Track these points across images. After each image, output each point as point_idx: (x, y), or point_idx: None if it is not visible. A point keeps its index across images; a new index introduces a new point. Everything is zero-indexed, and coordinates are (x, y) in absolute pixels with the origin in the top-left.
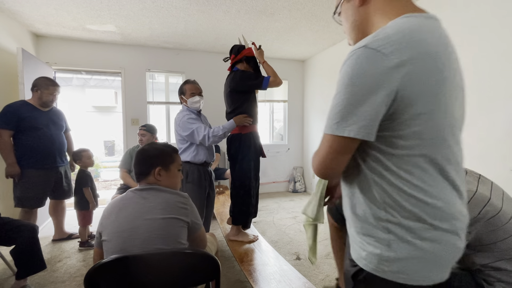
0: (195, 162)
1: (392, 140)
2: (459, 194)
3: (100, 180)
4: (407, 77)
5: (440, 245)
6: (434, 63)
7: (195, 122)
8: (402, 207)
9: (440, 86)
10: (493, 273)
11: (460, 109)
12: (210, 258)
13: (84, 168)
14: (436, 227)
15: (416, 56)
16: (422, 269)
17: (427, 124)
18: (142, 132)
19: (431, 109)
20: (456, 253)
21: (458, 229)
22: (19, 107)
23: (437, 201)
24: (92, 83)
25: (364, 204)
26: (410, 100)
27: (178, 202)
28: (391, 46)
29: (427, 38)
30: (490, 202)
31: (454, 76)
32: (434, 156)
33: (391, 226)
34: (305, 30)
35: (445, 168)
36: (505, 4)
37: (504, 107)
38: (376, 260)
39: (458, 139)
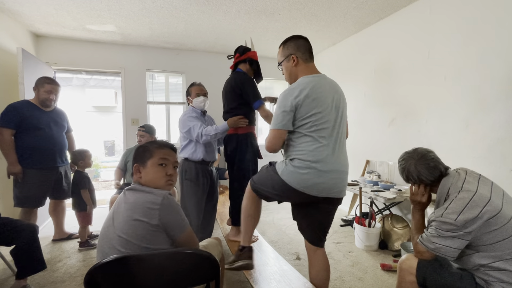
0: (193, 160)
1: (300, 128)
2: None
3: (100, 180)
4: (301, 99)
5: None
6: (313, 94)
7: (194, 120)
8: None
9: (317, 104)
10: (493, 273)
11: (340, 120)
12: (210, 259)
13: (82, 169)
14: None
15: (308, 88)
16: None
17: (319, 119)
18: (141, 133)
19: (314, 113)
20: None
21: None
22: (22, 106)
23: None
24: (92, 83)
25: (288, 150)
26: (303, 108)
27: (147, 202)
28: (294, 89)
29: (312, 84)
30: (490, 202)
31: (327, 99)
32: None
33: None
34: (305, 30)
35: (320, 140)
36: (505, 4)
37: (504, 107)
38: (283, 170)
39: (336, 129)
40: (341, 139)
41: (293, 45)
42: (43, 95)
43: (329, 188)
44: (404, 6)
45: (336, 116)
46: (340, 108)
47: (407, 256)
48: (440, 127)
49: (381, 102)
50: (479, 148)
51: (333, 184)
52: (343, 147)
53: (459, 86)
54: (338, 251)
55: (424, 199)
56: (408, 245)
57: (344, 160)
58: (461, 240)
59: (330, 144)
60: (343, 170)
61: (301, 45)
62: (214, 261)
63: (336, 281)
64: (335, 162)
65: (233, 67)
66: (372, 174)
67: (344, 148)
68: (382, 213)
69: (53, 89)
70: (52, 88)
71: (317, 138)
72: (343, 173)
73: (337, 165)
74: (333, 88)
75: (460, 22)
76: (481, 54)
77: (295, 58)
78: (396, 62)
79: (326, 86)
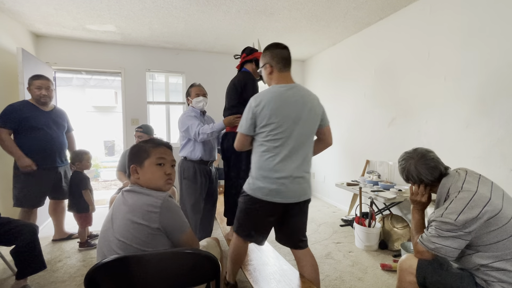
0: (191, 159)
1: (258, 135)
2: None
3: (100, 180)
4: (260, 110)
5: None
6: (272, 104)
7: (192, 119)
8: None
9: (278, 114)
10: (493, 273)
11: (301, 129)
12: (210, 258)
13: (81, 170)
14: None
15: (266, 101)
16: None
17: (273, 130)
18: (139, 134)
19: (269, 124)
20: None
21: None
22: (21, 106)
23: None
24: (92, 83)
25: (253, 160)
26: (261, 119)
27: (147, 205)
28: (258, 98)
29: (274, 94)
30: (490, 202)
31: (286, 110)
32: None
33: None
34: (305, 30)
35: (283, 150)
36: (505, 4)
37: (504, 107)
38: (247, 186)
39: (293, 139)
40: (299, 148)
41: (269, 54)
42: (35, 92)
43: (285, 193)
44: (404, 6)
45: (294, 128)
46: (302, 119)
47: (407, 256)
48: (440, 127)
49: (381, 102)
50: (479, 148)
51: (288, 189)
52: (302, 156)
53: (459, 86)
54: (338, 251)
55: (424, 199)
56: (408, 245)
57: (300, 167)
58: (461, 240)
59: (282, 152)
60: (297, 176)
61: (276, 54)
62: (214, 261)
63: (336, 281)
64: (287, 169)
65: (239, 66)
66: (372, 174)
67: (303, 156)
68: (382, 213)
69: (43, 84)
70: (41, 83)
71: (271, 148)
72: (297, 178)
73: (290, 171)
74: (300, 100)
75: (460, 22)
76: (481, 54)
77: (270, 67)
78: (396, 62)
79: (290, 98)
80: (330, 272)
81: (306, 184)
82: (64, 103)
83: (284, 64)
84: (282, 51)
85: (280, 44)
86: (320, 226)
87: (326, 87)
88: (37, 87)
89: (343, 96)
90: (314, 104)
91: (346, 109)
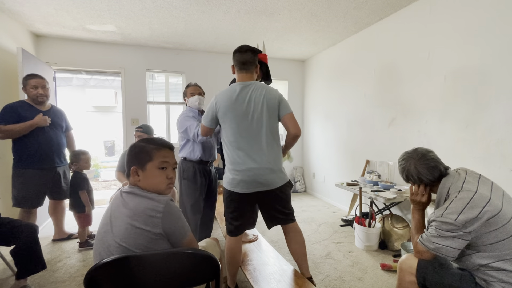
0: (190, 159)
1: (222, 131)
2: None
3: (100, 180)
4: (217, 107)
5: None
6: (229, 102)
7: (190, 120)
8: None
9: (230, 113)
10: (493, 273)
11: (250, 124)
12: (210, 258)
13: (80, 170)
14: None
15: (220, 99)
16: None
17: (227, 126)
18: (139, 134)
19: (225, 121)
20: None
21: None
22: (18, 106)
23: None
24: (92, 83)
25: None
26: (219, 116)
27: (149, 210)
28: (217, 96)
29: (227, 94)
30: (490, 202)
31: (238, 106)
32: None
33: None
34: (305, 30)
35: (240, 147)
36: (505, 4)
37: (504, 107)
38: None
39: (250, 135)
40: (261, 141)
41: (233, 57)
42: (31, 92)
43: (251, 183)
44: (404, 6)
45: (250, 122)
46: (257, 114)
47: (407, 256)
48: (440, 127)
49: (381, 102)
50: (479, 148)
51: (254, 180)
52: (265, 147)
53: (459, 86)
54: (338, 251)
55: (424, 199)
56: (408, 245)
57: (263, 158)
58: (461, 240)
59: (243, 147)
60: (261, 167)
61: (235, 57)
62: (214, 261)
63: (336, 281)
64: (250, 161)
65: None
66: (372, 174)
67: (265, 148)
68: (382, 213)
69: (38, 83)
70: (37, 82)
71: (230, 143)
72: (261, 169)
73: (253, 163)
74: (253, 95)
75: (460, 22)
76: (481, 54)
77: (233, 68)
78: (396, 62)
79: (242, 95)
80: (330, 272)
81: (274, 174)
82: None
83: (240, 66)
84: (239, 55)
85: (239, 49)
86: (320, 226)
87: (326, 87)
88: (32, 86)
89: (343, 96)
90: (271, 99)
91: (346, 109)
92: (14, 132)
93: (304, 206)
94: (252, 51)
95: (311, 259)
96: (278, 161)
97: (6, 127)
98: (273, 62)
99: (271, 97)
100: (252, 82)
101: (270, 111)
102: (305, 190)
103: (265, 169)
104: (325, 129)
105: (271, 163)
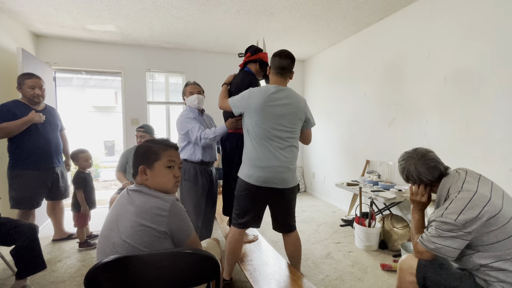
0: (191, 160)
1: (245, 127)
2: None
3: (100, 180)
4: (249, 102)
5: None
6: (262, 99)
7: (191, 122)
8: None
9: (261, 111)
10: (493, 273)
11: (279, 124)
12: (210, 258)
13: (82, 169)
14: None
15: (254, 95)
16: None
17: (254, 122)
18: (141, 134)
19: (258, 119)
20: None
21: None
22: (12, 106)
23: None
24: (92, 83)
25: (243, 153)
26: (249, 109)
27: (155, 208)
28: (251, 91)
29: (267, 91)
30: (490, 202)
31: (274, 108)
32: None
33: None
34: (305, 30)
35: (266, 143)
36: (505, 4)
37: (504, 107)
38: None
39: (276, 135)
40: (285, 141)
41: (272, 60)
42: (28, 92)
43: (268, 179)
44: (404, 6)
45: (279, 123)
46: (287, 117)
47: (407, 256)
48: (440, 127)
49: (381, 102)
50: (479, 148)
51: (271, 176)
52: (287, 148)
53: (459, 86)
54: (338, 251)
55: (424, 199)
56: (408, 245)
57: (282, 158)
58: (461, 240)
59: (266, 146)
60: (280, 165)
61: (275, 61)
62: (214, 261)
63: (336, 281)
64: (271, 159)
65: (242, 65)
66: (372, 174)
67: (287, 148)
68: (382, 213)
69: (35, 83)
70: (34, 82)
71: (255, 142)
72: (280, 167)
73: (274, 161)
74: (286, 100)
75: (460, 22)
76: (481, 54)
77: (269, 69)
78: (396, 62)
79: (276, 96)
80: (330, 272)
81: (290, 173)
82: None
83: (280, 70)
84: (278, 59)
85: (281, 53)
86: (320, 226)
87: (326, 87)
88: (30, 86)
89: (343, 96)
90: (298, 107)
91: (346, 109)
92: (10, 129)
93: (304, 206)
94: (291, 59)
95: (311, 259)
96: (295, 161)
97: (2, 125)
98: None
99: (300, 107)
100: (286, 87)
101: (298, 118)
102: (305, 190)
103: (284, 168)
104: (325, 129)
105: (290, 163)
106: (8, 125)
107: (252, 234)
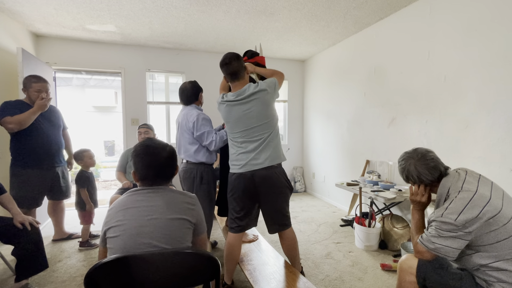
0: (208, 163)
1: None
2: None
3: (100, 180)
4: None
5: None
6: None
7: (208, 125)
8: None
9: (227, 116)
10: (493, 273)
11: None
12: (210, 258)
13: (86, 168)
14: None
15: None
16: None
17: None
18: (145, 130)
19: (227, 122)
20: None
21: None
22: (16, 105)
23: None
24: (92, 83)
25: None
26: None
27: (185, 203)
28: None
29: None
30: (490, 202)
31: (231, 113)
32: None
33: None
34: (305, 30)
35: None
36: (505, 4)
37: (504, 107)
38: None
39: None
40: (254, 141)
41: (222, 70)
42: (34, 95)
43: (245, 165)
44: (404, 6)
45: (244, 126)
46: (244, 120)
47: (407, 256)
48: (440, 127)
49: (381, 102)
50: (479, 148)
51: (249, 167)
52: (259, 147)
53: (459, 86)
54: (338, 251)
55: (424, 199)
56: (408, 245)
57: (257, 155)
58: (461, 240)
59: (242, 145)
60: (254, 162)
61: (223, 71)
62: (214, 261)
63: (336, 281)
64: (246, 157)
65: None
66: (372, 174)
67: (259, 147)
68: (382, 213)
69: (42, 87)
70: (41, 87)
71: (234, 142)
72: (254, 159)
73: (248, 159)
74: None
75: (460, 22)
76: (481, 54)
77: (225, 78)
78: (396, 62)
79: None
80: (330, 272)
81: (261, 164)
82: (64, 103)
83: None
84: (227, 67)
85: (224, 60)
86: (320, 226)
87: (326, 87)
88: (36, 90)
89: (343, 96)
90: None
91: (346, 109)
92: (22, 121)
93: (304, 206)
94: (236, 58)
95: (311, 259)
96: (268, 147)
97: (14, 117)
98: (273, 62)
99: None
100: (245, 87)
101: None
102: (305, 190)
103: (256, 161)
104: (325, 129)
105: (263, 159)
106: (19, 116)
107: (252, 234)
